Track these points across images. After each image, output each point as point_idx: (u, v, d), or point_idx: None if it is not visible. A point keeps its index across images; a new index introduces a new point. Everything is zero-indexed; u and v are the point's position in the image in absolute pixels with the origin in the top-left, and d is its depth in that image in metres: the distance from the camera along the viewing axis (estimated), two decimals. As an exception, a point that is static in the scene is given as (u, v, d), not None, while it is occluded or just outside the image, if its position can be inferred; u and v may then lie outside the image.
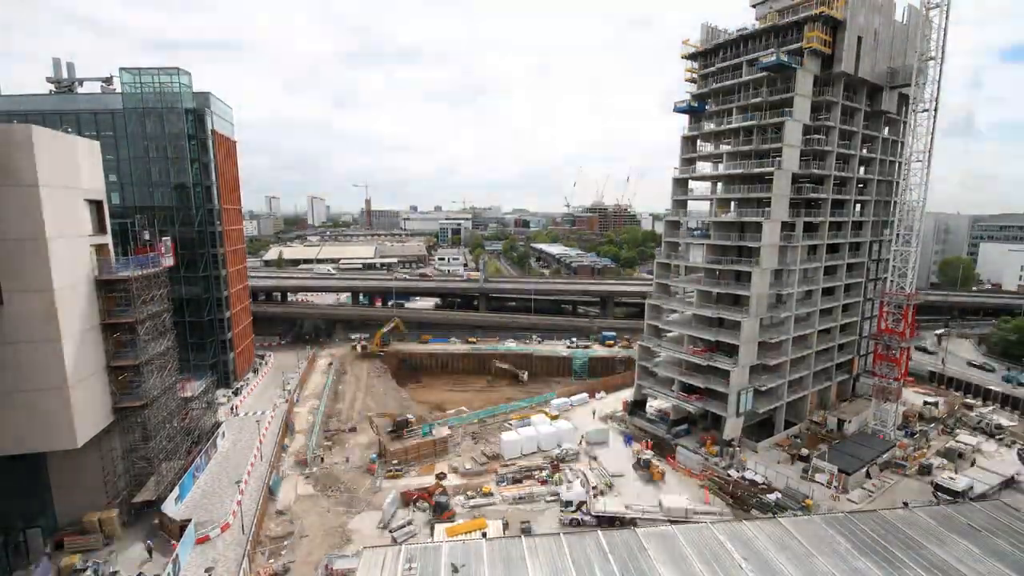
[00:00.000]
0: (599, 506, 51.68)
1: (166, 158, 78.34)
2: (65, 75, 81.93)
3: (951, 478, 55.84)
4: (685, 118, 74.26)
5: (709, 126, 73.37)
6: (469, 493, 55.69)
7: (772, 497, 54.57)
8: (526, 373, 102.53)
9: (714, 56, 70.01)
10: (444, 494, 53.90)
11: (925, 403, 76.74)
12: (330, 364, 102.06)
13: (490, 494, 55.47)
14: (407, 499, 53.55)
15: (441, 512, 50.99)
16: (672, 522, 44.37)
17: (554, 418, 73.81)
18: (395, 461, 62.21)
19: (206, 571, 42.30)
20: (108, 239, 48.99)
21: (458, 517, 50.89)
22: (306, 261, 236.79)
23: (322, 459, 63.53)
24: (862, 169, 75.48)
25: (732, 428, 64.52)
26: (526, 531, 46.89)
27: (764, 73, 63.55)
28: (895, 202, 68.56)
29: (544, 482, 57.99)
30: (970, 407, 78.11)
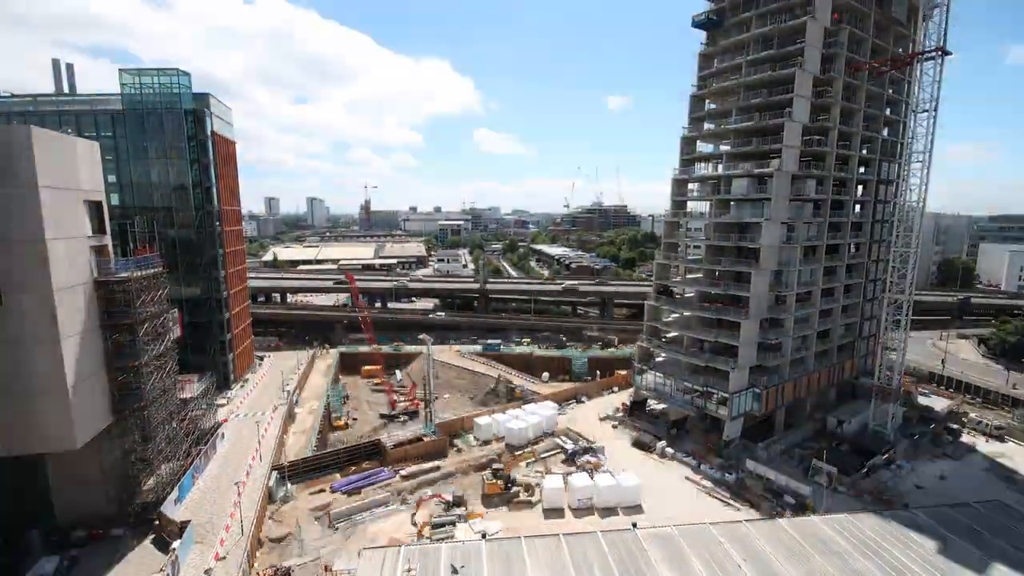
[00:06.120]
0: None
1: (166, 159, 78.35)
2: (65, 76, 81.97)
3: None
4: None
5: (709, 127, 73.68)
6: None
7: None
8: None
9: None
10: None
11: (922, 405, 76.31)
12: (329, 365, 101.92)
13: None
14: None
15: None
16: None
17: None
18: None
19: (206, 572, 42.25)
20: (108, 240, 48.96)
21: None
22: (305, 262, 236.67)
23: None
24: (861, 169, 75.60)
25: (732, 429, 64.56)
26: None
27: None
28: (895, 203, 68.71)
29: None
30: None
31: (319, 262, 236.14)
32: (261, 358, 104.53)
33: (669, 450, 64.70)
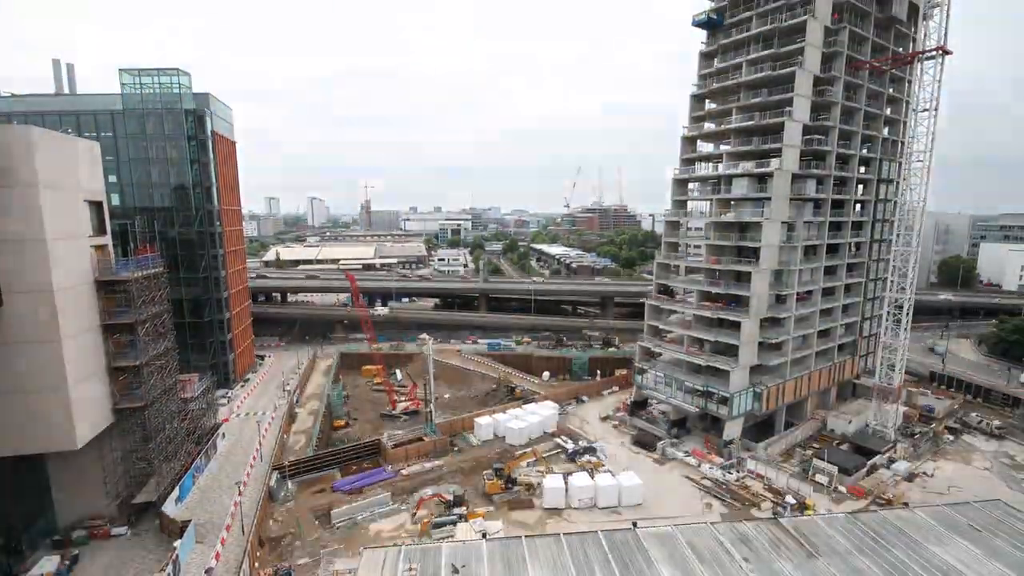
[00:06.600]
0: None
1: (166, 159, 78.33)
2: (65, 76, 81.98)
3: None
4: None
5: (709, 126, 73.60)
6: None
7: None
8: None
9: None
10: None
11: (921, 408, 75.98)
12: (330, 365, 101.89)
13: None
14: None
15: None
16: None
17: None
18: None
19: (206, 572, 42.27)
20: (108, 240, 48.98)
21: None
22: (305, 262, 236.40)
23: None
24: (862, 168, 75.46)
25: (732, 428, 64.54)
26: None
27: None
28: (895, 202, 68.63)
29: None
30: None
31: (319, 262, 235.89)
32: (262, 358, 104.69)
33: (670, 450, 64.76)
